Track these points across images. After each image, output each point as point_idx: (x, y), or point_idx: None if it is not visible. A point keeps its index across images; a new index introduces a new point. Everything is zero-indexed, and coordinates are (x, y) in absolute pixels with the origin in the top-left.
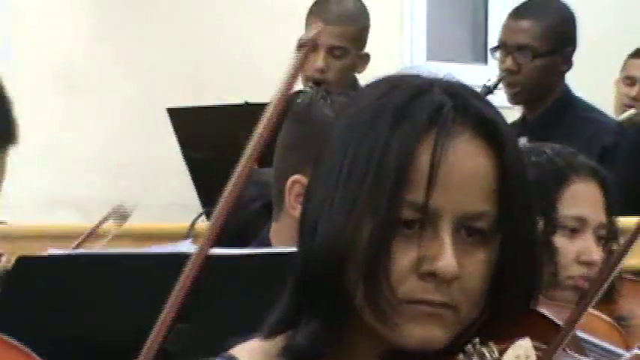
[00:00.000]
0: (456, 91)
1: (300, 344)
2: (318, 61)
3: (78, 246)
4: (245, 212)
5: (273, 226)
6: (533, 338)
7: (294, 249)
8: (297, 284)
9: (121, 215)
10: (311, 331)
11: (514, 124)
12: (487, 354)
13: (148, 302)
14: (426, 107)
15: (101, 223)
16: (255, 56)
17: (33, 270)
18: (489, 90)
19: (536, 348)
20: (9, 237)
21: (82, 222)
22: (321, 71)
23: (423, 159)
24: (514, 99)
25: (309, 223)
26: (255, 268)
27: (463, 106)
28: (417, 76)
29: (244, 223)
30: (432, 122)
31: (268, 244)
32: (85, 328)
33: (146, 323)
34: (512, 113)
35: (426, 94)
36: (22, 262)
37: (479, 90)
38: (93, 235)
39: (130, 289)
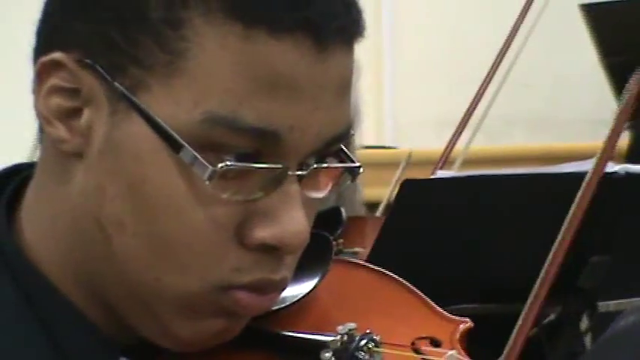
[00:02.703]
0: None
1: None
2: None
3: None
4: None
5: None
6: None
7: None
8: None
9: None
10: None
11: None
12: None
13: (540, 229)
14: None
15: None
16: None
17: (418, 194)
18: None
19: None
20: (400, 163)
21: (481, 144)
22: None
23: None
24: None
25: None
26: None
27: None
28: None
29: None
30: None
31: None
32: (474, 260)
33: (538, 253)
34: None
35: None
36: (408, 185)
37: None
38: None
39: (522, 214)
